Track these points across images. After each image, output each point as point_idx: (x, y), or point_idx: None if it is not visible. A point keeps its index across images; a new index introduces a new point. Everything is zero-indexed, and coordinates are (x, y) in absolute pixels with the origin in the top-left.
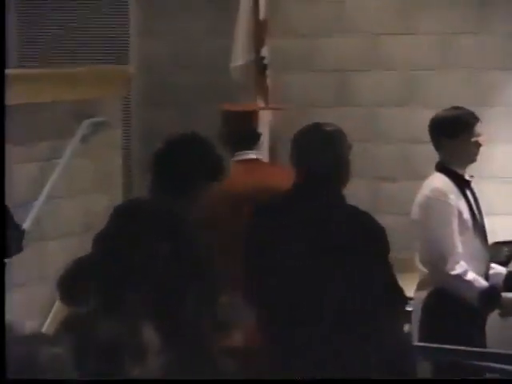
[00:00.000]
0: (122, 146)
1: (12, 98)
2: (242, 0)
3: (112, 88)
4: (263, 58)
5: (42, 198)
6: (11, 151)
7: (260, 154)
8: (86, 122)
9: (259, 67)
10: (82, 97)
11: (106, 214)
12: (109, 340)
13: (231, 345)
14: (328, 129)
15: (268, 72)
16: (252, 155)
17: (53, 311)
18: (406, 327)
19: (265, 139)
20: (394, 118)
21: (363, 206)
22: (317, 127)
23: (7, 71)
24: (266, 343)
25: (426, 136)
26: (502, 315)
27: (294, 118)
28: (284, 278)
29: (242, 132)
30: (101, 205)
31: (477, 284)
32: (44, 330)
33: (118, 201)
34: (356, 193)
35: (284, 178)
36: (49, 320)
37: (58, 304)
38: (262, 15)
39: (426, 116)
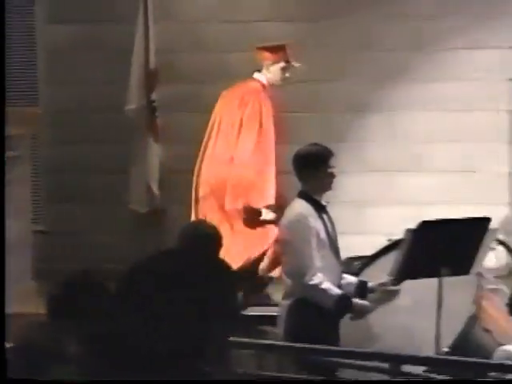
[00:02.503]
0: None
1: None
2: (135, 52)
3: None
4: (153, 101)
5: None
6: None
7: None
8: None
9: (150, 109)
10: None
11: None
12: None
13: None
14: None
15: (157, 113)
16: None
17: None
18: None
19: (155, 171)
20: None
21: None
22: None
23: None
24: None
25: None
26: (352, 319)
27: (183, 154)
28: None
29: None
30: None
31: (331, 292)
32: None
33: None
34: None
35: None
36: None
37: None
38: (152, 65)
39: (291, 151)
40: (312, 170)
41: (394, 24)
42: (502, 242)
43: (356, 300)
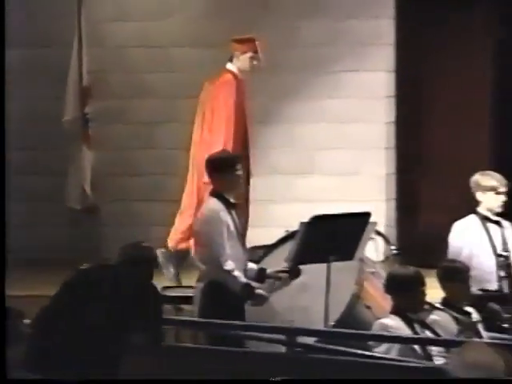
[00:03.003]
0: None
1: None
2: (70, 72)
3: None
4: (86, 114)
5: None
6: None
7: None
8: None
9: (83, 121)
10: None
11: None
12: None
13: None
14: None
15: (90, 124)
16: None
17: None
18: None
19: (88, 174)
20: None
21: None
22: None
23: None
24: None
25: None
26: (252, 305)
27: (112, 160)
28: None
29: None
30: None
31: (239, 280)
32: None
33: None
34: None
35: None
36: None
37: None
38: (85, 83)
39: None
40: (221, 173)
41: (293, 49)
42: (379, 233)
43: (258, 290)
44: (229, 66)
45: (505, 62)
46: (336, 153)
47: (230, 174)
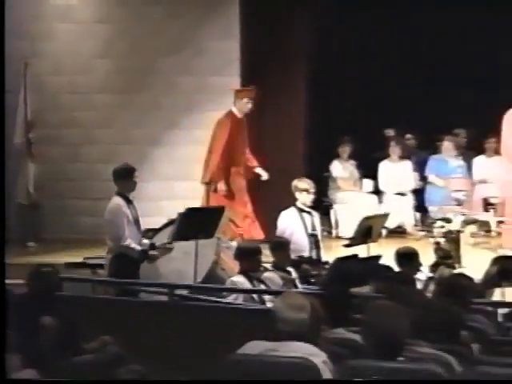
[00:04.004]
0: None
1: None
2: (18, 110)
3: None
4: (30, 138)
5: None
6: None
7: None
8: None
9: (28, 143)
10: None
11: None
12: None
13: None
14: None
15: (33, 145)
16: None
17: None
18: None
19: (31, 179)
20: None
21: None
22: None
23: None
24: None
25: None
26: (148, 263)
27: (48, 170)
28: None
29: None
30: None
31: (136, 248)
32: None
33: None
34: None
35: None
36: None
37: None
38: (28, 118)
39: None
40: (122, 179)
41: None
42: (230, 219)
43: (151, 252)
44: (232, 108)
45: (318, 86)
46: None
47: (128, 180)
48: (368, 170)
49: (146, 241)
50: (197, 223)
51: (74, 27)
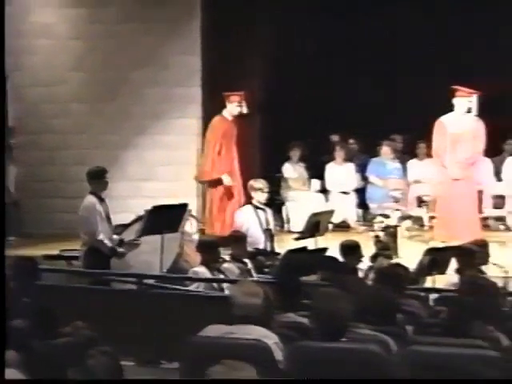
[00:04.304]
0: None
1: None
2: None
3: None
4: (11, 143)
5: None
6: None
7: None
8: None
9: (9, 147)
10: None
11: None
12: None
13: None
14: None
15: (14, 150)
16: None
17: None
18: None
19: (12, 179)
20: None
21: None
22: None
23: None
24: None
25: None
26: (117, 259)
27: (27, 172)
28: None
29: None
30: None
31: (107, 245)
32: None
33: None
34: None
35: None
36: None
37: None
38: (10, 124)
39: None
40: (95, 180)
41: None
42: (192, 216)
43: (120, 249)
44: (223, 112)
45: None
46: (167, 169)
47: (100, 180)
48: (316, 171)
49: (116, 236)
50: (162, 219)
51: (51, 43)
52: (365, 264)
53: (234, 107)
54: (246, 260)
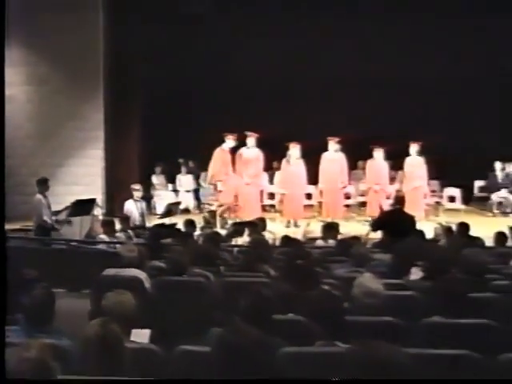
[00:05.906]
0: None
1: None
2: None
3: None
4: None
5: None
6: None
7: None
8: None
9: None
10: None
11: None
12: None
13: None
14: None
15: None
16: None
17: None
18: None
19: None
20: None
21: None
22: None
23: None
24: None
25: None
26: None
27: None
28: None
29: None
30: None
31: (48, 223)
32: None
33: None
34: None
35: None
36: None
37: None
38: None
39: None
40: (41, 185)
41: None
42: (98, 205)
43: (56, 226)
44: (223, 145)
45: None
46: (88, 179)
47: (44, 185)
48: (171, 179)
49: (53, 217)
50: (81, 207)
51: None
52: (197, 232)
53: (230, 142)
54: (129, 231)
